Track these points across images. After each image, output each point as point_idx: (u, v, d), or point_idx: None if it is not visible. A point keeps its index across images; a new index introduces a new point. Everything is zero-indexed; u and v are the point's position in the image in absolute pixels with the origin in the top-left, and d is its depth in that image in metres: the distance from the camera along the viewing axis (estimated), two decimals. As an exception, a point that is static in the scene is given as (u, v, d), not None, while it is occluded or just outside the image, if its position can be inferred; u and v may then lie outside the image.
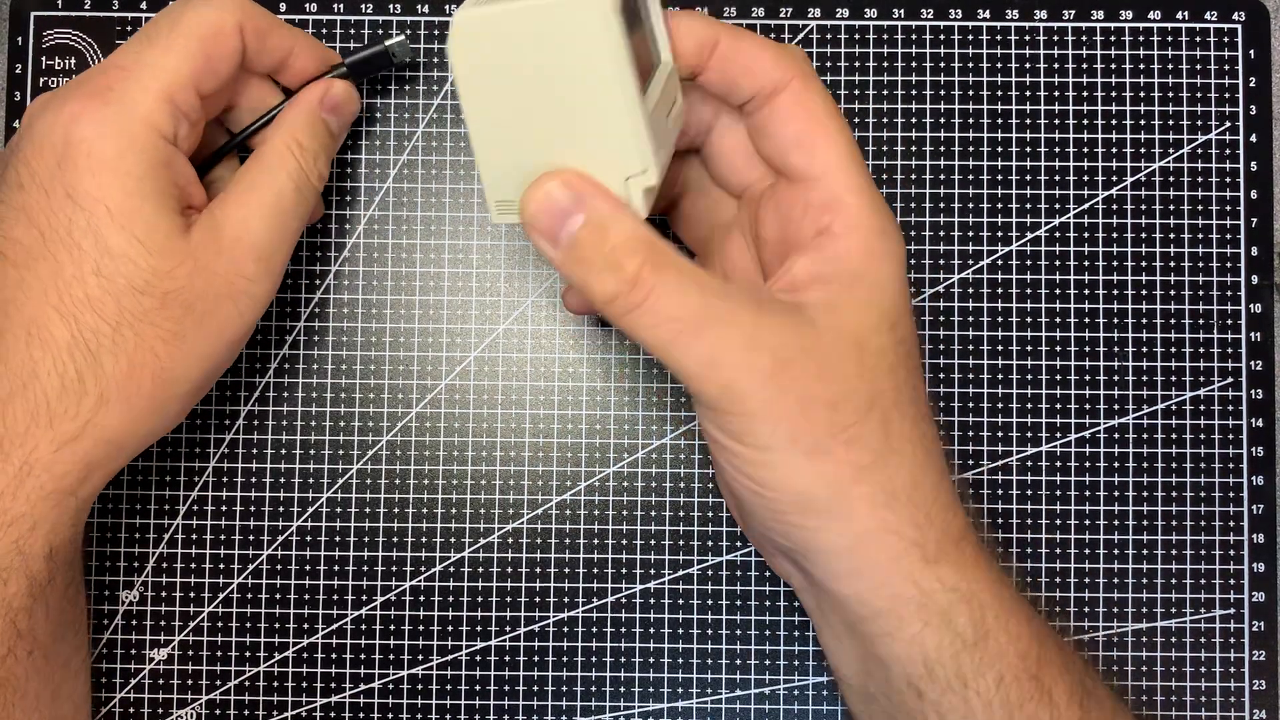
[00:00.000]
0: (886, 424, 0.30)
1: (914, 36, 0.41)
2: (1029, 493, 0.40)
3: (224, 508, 0.40)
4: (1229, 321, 0.41)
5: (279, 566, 0.40)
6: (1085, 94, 0.41)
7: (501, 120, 0.30)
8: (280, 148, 0.35)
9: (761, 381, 0.29)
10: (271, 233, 0.34)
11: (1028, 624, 0.32)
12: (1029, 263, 0.41)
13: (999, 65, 0.41)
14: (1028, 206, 0.41)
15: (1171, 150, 0.41)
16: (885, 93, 0.41)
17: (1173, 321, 0.41)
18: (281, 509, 0.40)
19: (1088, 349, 0.41)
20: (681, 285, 0.29)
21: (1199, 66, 0.41)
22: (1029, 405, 0.40)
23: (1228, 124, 0.41)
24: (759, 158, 0.33)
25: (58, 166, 0.32)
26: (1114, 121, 0.41)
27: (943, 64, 0.41)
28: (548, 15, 0.28)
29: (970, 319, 0.41)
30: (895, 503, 0.31)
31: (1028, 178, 0.41)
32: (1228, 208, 0.41)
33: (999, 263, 0.41)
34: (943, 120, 0.41)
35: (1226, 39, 0.41)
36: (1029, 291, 0.41)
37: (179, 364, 0.33)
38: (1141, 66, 0.41)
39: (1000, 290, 0.41)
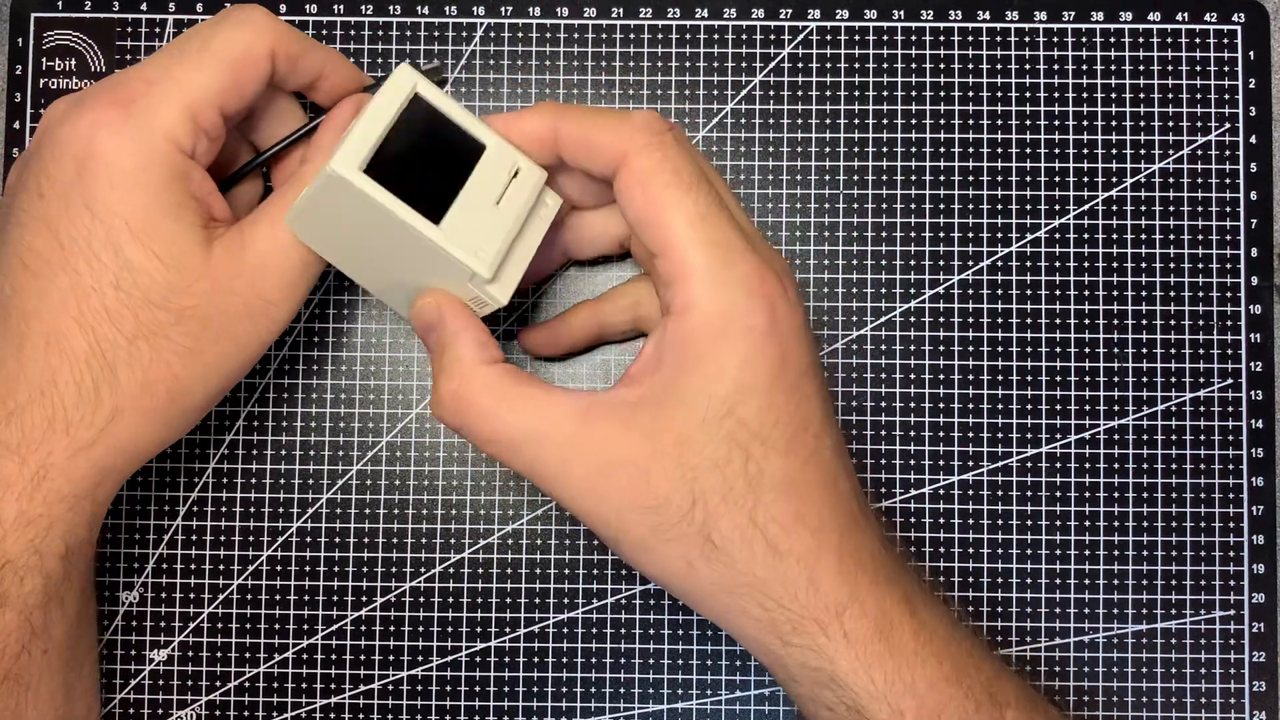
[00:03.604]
0: (710, 523, 0.30)
1: (914, 38, 0.41)
2: (1029, 494, 0.40)
3: (224, 509, 0.40)
4: (1229, 323, 0.41)
5: (279, 567, 0.40)
6: (1085, 95, 0.41)
7: (366, 262, 0.34)
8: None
9: (578, 492, 0.31)
10: (302, 259, 0.34)
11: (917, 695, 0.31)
12: (1029, 264, 0.41)
13: (999, 67, 0.41)
14: (1028, 208, 0.41)
15: (1171, 151, 0.41)
16: (885, 94, 0.41)
17: (1173, 323, 0.41)
18: (281, 510, 0.40)
19: (1088, 350, 0.41)
20: (495, 407, 0.31)
21: (1198, 68, 0.41)
22: (1029, 406, 0.40)
23: (1227, 125, 0.41)
24: None
25: (77, 177, 0.32)
26: (1114, 123, 0.41)
27: (943, 65, 0.41)
28: (321, 195, 0.31)
29: (970, 320, 0.41)
30: (736, 590, 0.31)
31: (1028, 179, 0.41)
32: (1227, 209, 0.41)
33: (999, 264, 0.41)
34: (943, 121, 0.41)
35: (1226, 40, 0.41)
36: (1029, 293, 0.41)
37: (193, 378, 0.33)
38: (1141, 68, 0.41)
39: (1000, 291, 0.41)
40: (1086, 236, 0.41)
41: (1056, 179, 0.41)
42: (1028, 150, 0.41)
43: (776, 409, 0.30)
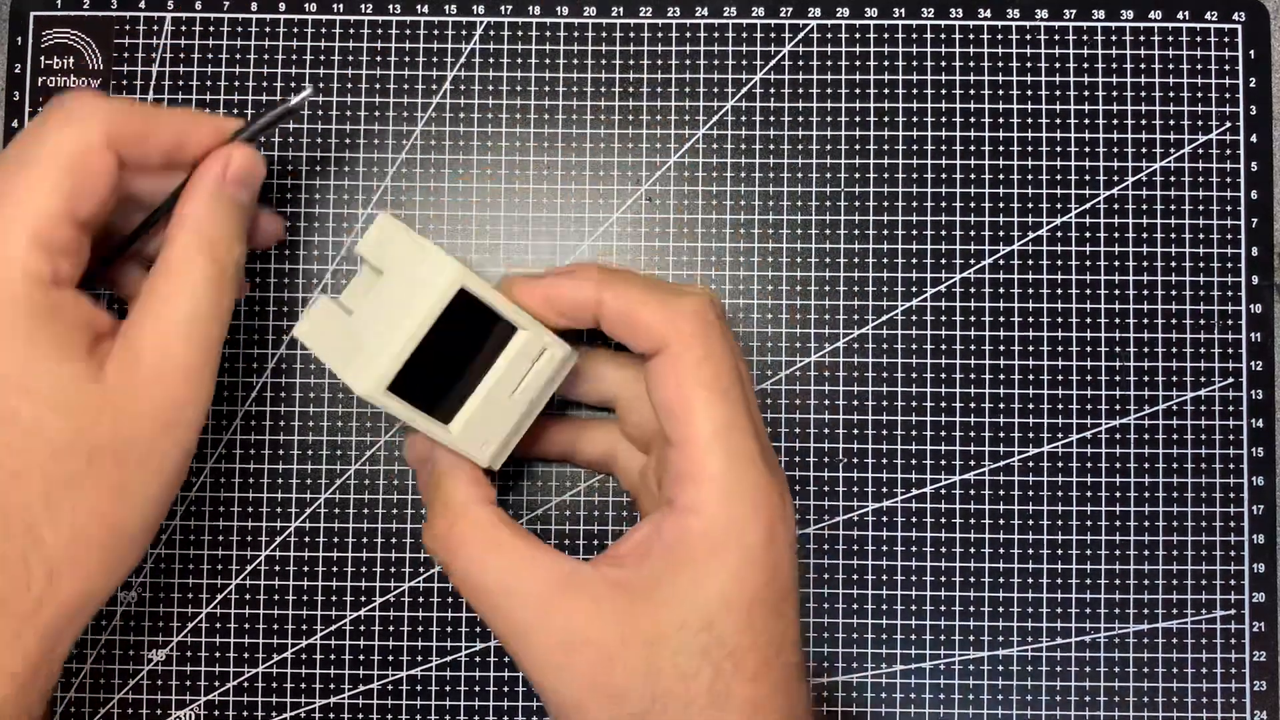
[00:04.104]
0: None
1: (915, 36, 0.41)
2: (1030, 493, 0.40)
3: (222, 508, 0.40)
4: (1229, 322, 0.41)
5: (277, 567, 0.40)
6: (1086, 93, 0.41)
7: None
8: (187, 249, 0.31)
9: (540, 662, 0.30)
10: (196, 349, 0.31)
11: None
12: (1030, 263, 0.41)
13: (1000, 65, 0.41)
14: (1029, 206, 0.41)
15: (1172, 150, 0.41)
16: (886, 92, 0.41)
17: (1173, 322, 0.41)
18: (280, 510, 0.40)
19: (1089, 349, 0.40)
20: (480, 552, 0.31)
21: (1199, 66, 0.41)
22: (1030, 405, 0.40)
23: (1228, 124, 0.41)
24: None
25: None
26: (1115, 121, 0.41)
27: (944, 63, 0.41)
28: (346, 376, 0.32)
29: (971, 319, 0.40)
30: None
31: (1029, 177, 0.41)
32: (1228, 208, 0.41)
33: (1000, 262, 0.41)
34: (944, 119, 0.41)
35: (1227, 39, 0.41)
36: (1030, 291, 0.41)
37: (127, 514, 0.31)
38: (1142, 66, 0.41)
39: (1001, 290, 0.41)
40: (1088, 235, 0.41)
41: (1058, 177, 0.41)
42: (1029, 148, 0.41)
43: (755, 629, 0.30)
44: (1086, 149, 0.41)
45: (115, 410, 0.30)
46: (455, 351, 0.31)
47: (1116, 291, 0.41)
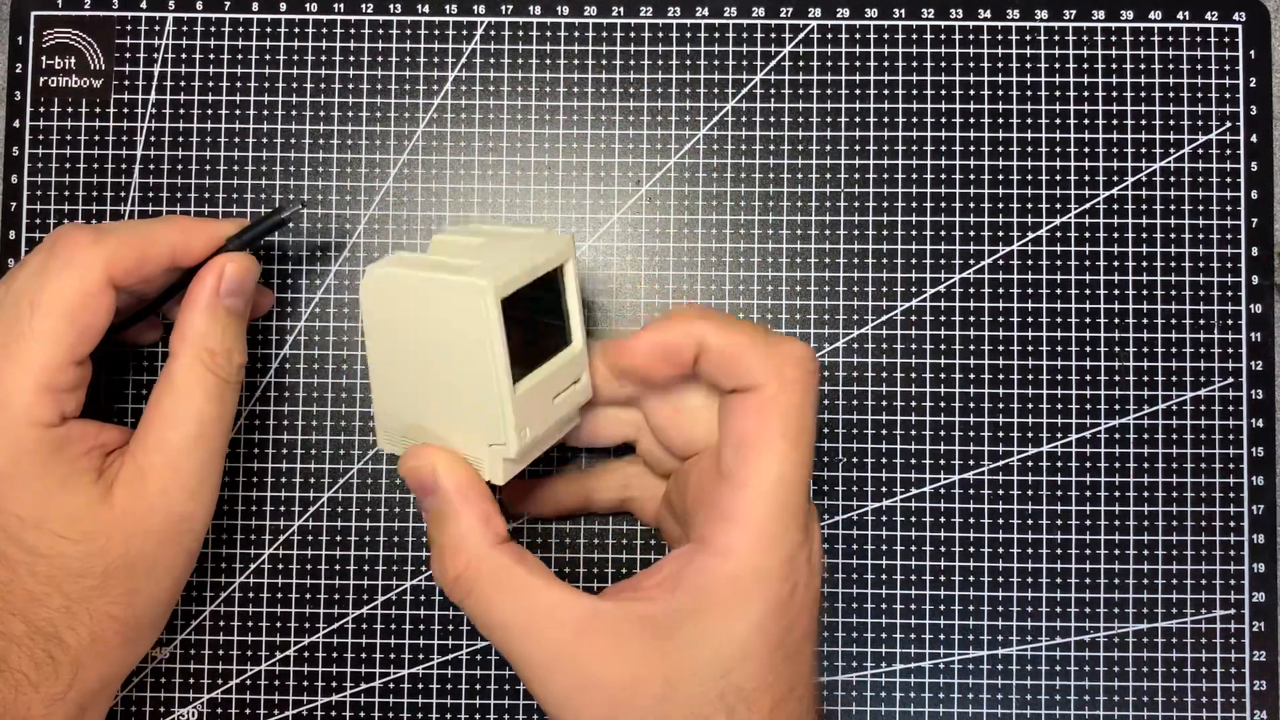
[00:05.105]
0: None
1: (915, 36, 0.41)
2: (1030, 493, 0.40)
3: (225, 507, 0.40)
4: (1229, 321, 0.41)
5: (280, 566, 0.40)
6: (1086, 94, 0.41)
7: (396, 368, 0.32)
8: (190, 364, 0.33)
9: (555, 702, 0.30)
10: (201, 462, 0.33)
11: None
12: (1030, 263, 0.41)
13: (1000, 65, 0.41)
14: (1029, 206, 0.41)
15: (1172, 150, 0.41)
16: (886, 92, 0.41)
17: (1173, 321, 0.41)
18: (283, 508, 0.40)
19: (1088, 349, 0.41)
20: (497, 594, 0.30)
21: (1200, 67, 0.41)
22: (1030, 405, 0.40)
23: (1228, 124, 0.41)
24: (684, 438, 0.33)
25: None
26: (1115, 121, 0.41)
27: (944, 64, 0.41)
28: (443, 289, 0.30)
29: (971, 319, 0.41)
30: None
31: (1029, 178, 0.41)
32: (1228, 208, 0.41)
33: (1000, 263, 0.41)
34: (944, 120, 0.41)
35: (1227, 39, 0.41)
36: (1030, 291, 0.41)
37: (139, 615, 0.33)
38: (1142, 67, 0.41)
39: (1001, 290, 0.41)
40: (1087, 235, 0.41)
41: (1057, 178, 0.41)
42: (1029, 149, 0.41)
43: (773, 672, 0.30)
44: (1086, 149, 0.41)
45: (125, 532, 0.32)
46: (526, 345, 0.31)
47: (1116, 291, 0.41)
